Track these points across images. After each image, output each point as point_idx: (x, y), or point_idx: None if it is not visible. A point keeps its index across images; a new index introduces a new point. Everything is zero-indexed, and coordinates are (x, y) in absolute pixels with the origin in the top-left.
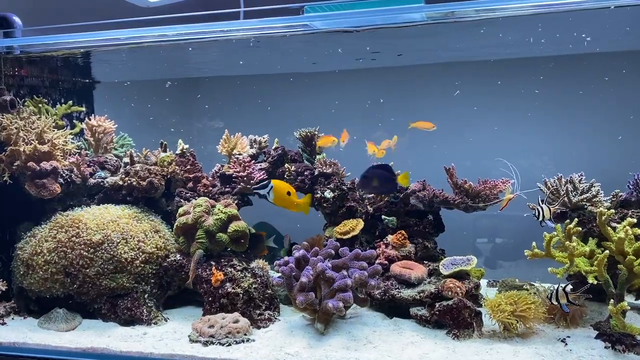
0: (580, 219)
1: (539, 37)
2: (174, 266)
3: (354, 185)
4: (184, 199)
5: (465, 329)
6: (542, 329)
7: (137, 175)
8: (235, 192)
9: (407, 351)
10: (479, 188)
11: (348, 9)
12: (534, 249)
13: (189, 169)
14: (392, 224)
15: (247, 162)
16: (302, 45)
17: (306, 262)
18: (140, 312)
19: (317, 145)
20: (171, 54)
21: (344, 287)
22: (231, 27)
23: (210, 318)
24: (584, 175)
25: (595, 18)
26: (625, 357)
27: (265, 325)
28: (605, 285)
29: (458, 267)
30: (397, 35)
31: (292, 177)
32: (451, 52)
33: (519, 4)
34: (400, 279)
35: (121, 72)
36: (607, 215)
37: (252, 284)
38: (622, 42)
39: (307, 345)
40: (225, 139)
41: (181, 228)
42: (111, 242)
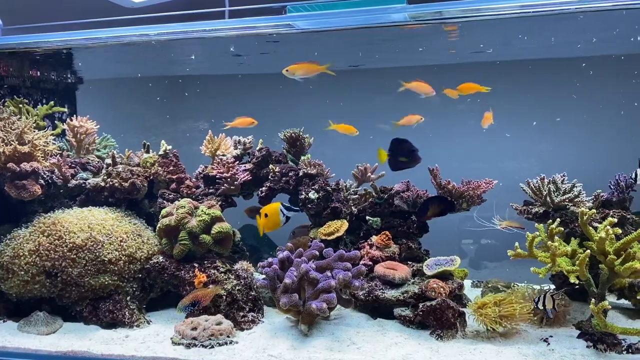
0: (562, 219)
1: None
2: (157, 268)
3: (339, 186)
4: (167, 201)
5: (448, 329)
6: (525, 329)
7: (119, 177)
8: (219, 194)
9: (390, 352)
10: (463, 189)
11: (330, 9)
12: (517, 249)
13: (172, 170)
14: (376, 224)
15: (231, 163)
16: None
17: (290, 263)
18: (122, 314)
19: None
20: (155, 54)
21: (328, 288)
22: (214, 27)
23: (193, 320)
24: (566, 176)
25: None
26: (607, 356)
27: (249, 327)
28: (587, 285)
29: (442, 268)
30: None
31: (277, 178)
32: (439, 54)
33: (505, 4)
34: (384, 279)
35: (104, 72)
36: (589, 216)
37: (235, 286)
38: (615, 46)
39: (291, 346)
40: (208, 140)
41: (164, 230)
42: (94, 244)
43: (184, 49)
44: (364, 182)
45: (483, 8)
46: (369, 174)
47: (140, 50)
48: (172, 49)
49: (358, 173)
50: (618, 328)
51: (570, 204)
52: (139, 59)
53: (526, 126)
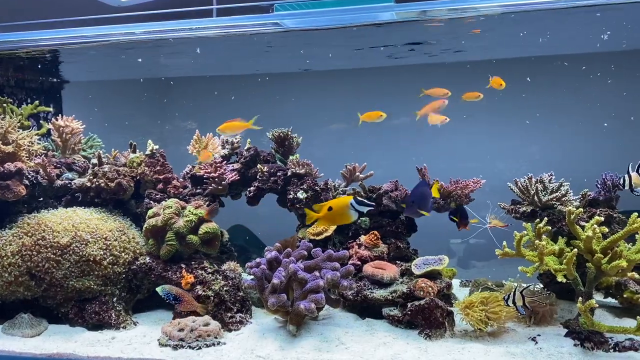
0: (550, 218)
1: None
2: (144, 269)
3: (327, 186)
4: (154, 201)
5: (437, 329)
6: (514, 328)
7: (105, 177)
8: (206, 194)
9: (379, 352)
10: (451, 188)
11: (318, 7)
12: (505, 248)
13: (158, 170)
14: (365, 224)
15: (218, 163)
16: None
17: (278, 263)
18: (108, 316)
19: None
20: (143, 53)
21: (316, 288)
22: (200, 25)
23: (180, 321)
24: (553, 175)
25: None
26: (594, 354)
27: (237, 328)
28: (574, 284)
29: (430, 267)
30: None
31: (265, 178)
32: (427, 54)
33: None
34: (372, 279)
35: (90, 71)
36: (576, 214)
37: (223, 287)
38: (603, 44)
39: (279, 347)
40: (196, 140)
41: (151, 230)
42: (79, 244)
43: (172, 48)
44: (352, 182)
45: (469, 7)
46: (357, 173)
47: (127, 49)
48: (160, 48)
49: (346, 172)
50: (605, 326)
51: (557, 203)
52: (126, 58)
53: (517, 125)
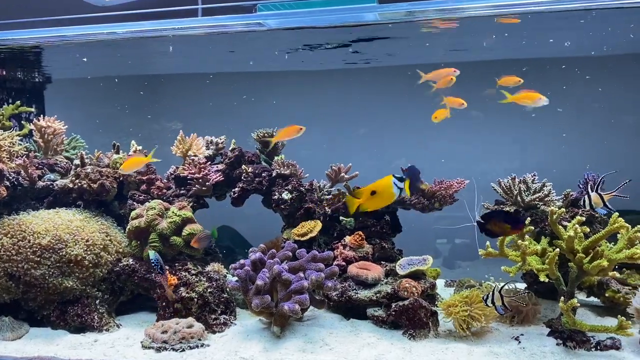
0: (533, 218)
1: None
2: (127, 271)
3: (312, 187)
4: (137, 202)
5: (421, 329)
6: (497, 328)
7: (87, 178)
8: (190, 195)
9: (363, 352)
10: (435, 189)
11: (301, 7)
12: (488, 248)
13: (142, 171)
14: (350, 225)
15: (202, 164)
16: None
17: (263, 264)
18: (91, 318)
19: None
20: (127, 53)
21: (301, 289)
22: (183, 25)
23: (163, 323)
24: (536, 175)
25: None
26: (576, 353)
27: (221, 330)
28: (557, 283)
29: (414, 267)
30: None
31: (250, 179)
32: (412, 55)
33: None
34: (357, 279)
35: (74, 71)
36: (558, 214)
37: (207, 288)
38: (588, 47)
39: (263, 349)
40: (180, 140)
41: (134, 232)
42: (59, 245)
43: (156, 47)
44: (337, 183)
45: (452, 8)
46: (342, 174)
47: (111, 48)
48: (144, 48)
49: (332, 173)
50: (587, 325)
51: (540, 203)
52: (109, 58)
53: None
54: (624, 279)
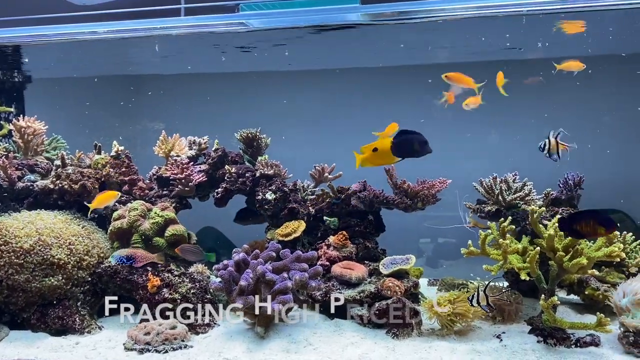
0: (514, 217)
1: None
2: (109, 272)
3: (296, 187)
4: (119, 203)
5: (404, 328)
6: (479, 326)
7: (68, 179)
8: (173, 195)
9: (347, 352)
10: (418, 188)
11: (284, 7)
12: (470, 247)
13: (124, 171)
14: (333, 224)
15: (185, 164)
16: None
17: (246, 265)
18: (72, 320)
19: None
20: (108, 53)
21: (285, 290)
22: (165, 25)
23: (146, 325)
24: (517, 175)
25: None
26: (556, 350)
27: (204, 331)
28: (537, 281)
29: (397, 267)
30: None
31: (233, 179)
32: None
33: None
34: (341, 279)
35: (55, 71)
36: (539, 213)
37: (190, 289)
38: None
39: (247, 349)
40: (162, 140)
41: (116, 233)
42: (42, 248)
43: (138, 47)
44: (321, 183)
45: (434, 9)
46: (326, 174)
47: (92, 48)
48: (126, 48)
49: (315, 173)
50: (567, 323)
51: (521, 202)
52: (90, 58)
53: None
54: (603, 276)
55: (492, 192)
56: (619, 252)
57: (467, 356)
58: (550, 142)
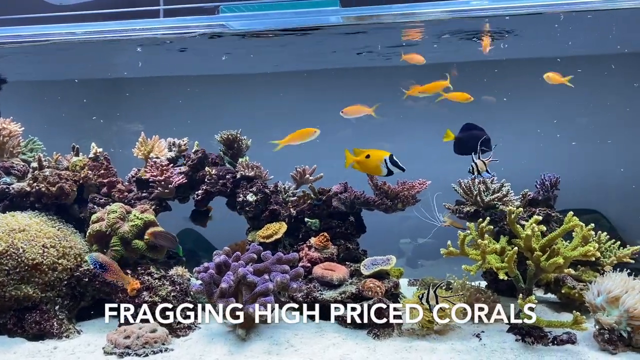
0: (492, 217)
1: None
2: (87, 275)
3: (277, 188)
4: (98, 205)
5: (385, 328)
6: (459, 325)
7: (46, 181)
8: (152, 197)
9: (328, 353)
10: (398, 189)
11: (264, 10)
12: (449, 247)
13: (102, 173)
14: (315, 226)
15: (164, 166)
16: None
17: (227, 267)
18: (50, 325)
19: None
20: (87, 54)
21: (266, 291)
22: (145, 26)
23: (126, 328)
24: (495, 176)
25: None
26: (534, 348)
27: (185, 334)
28: (516, 281)
29: (378, 267)
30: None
31: (213, 181)
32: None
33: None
34: (322, 280)
35: (31, 72)
36: (516, 214)
37: (170, 292)
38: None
39: (228, 352)
40: (141, 142)
41: (94, 235)
42: (17, 251)
43: (117, 48)
44: (302, 184)
45: (413, 12)
46: (307, 175)
47: (70, 49)
48: (104, 49)
49: (296, 175)
50: (544, 321)
51: (499, 203)
52: (68, 59)
53: None
54: (579, 275)
55: (471, 193)
56: (594, 252)
57: (447, 355)
58: (477, 164)
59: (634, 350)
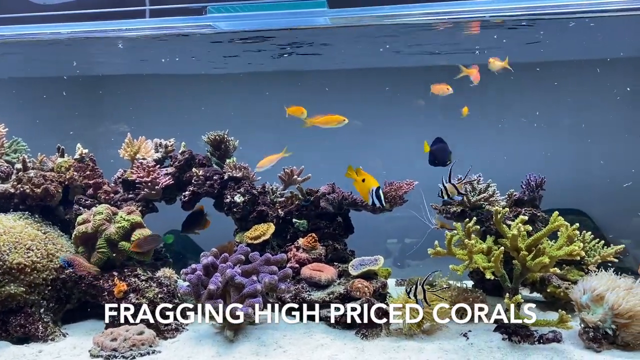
0: (478, 217)
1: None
2: (73, 278)
3: (265, 189)
4: (84, 207)
5: (373, 328)
6: (446, 325)
7: (30, 182)
8: (139, 199)
9: (316, 353)
10: (386, 190)
11: (251, 10)
12: (437, 247)
13: (88, 174)
14: (303, 227)
15: (151, 167)
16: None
17: (215, 269)
18: (35, 328)
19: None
20: (72, 53)
21: (254, 293)
22: (131, 27)
23: (113, 331)
24: (482, 176)
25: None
26: (521, 347)
27: (173, 336)
28: (502, 280)
29: (366, 267)
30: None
31: (201, 182)
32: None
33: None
34: (310, 281)
35: (14, 71)
36: (502, 214)
37: (157, 294)
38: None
39: (216, 353)
40: (127, 143)
41: (80, 237)
42: (1, 255)
43: (103, 48)
44: (290, 185)
45: (399, 14)
46: (295, 176)
47: (55, 48)
48: (90, 48)
49: (284, 176)
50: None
51: (485, 203)
52: (53, 58)
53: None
54: (564, 274)
55: None
56: (579, 251)
57: (434, 355)
58: (446, 188)
59: (619, 347)
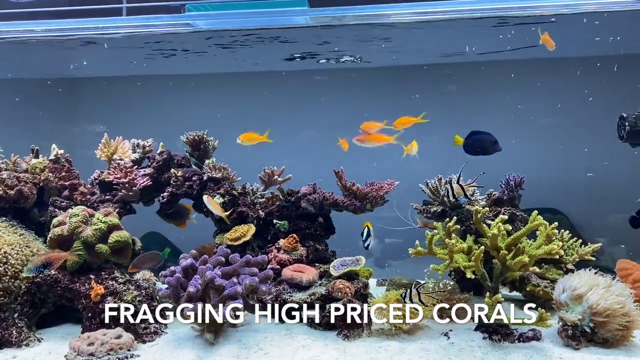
0: (459, 217)
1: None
2: (48, 281)
3: (245, 190)
4: (59, 209)
5: (355, 329)
6: (428, 324)
7: (3, 184)
8: (116, 200)
9: (298, 355)
10: (367, 190)
11: (231, 9)
12: (417, 247)
13: (64, 176)
14: (284, 227)
15: (128, 168)
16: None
17: (194, 271)
18: (8, 333)
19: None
20: (46, 53)
21: (234, 295)
22: (107, 25)
23: (90, 335)
24: (462, 176)
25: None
26: (501, 345)
27: (152, 339)
28: (482, 279)
29: (347, 268)
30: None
31: (179, 183)
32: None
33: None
34: (291, 282)
35: None
36: (482, 213)
37: (136, 297)
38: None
39: (196, 356)
40: (104, 143)
41: (56, 240)
42: None
43: (77, 47)
44: (271, 185)
45: (380, 14)
46: (275, 177)
47: (28, 48)
48: (65, 47)
49: (265, 176)
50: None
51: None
52: (27, 58)
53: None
54: (543, 273)
55: (438, 193)
56: (558, 250)
57: (416, 355)
58: (453, 188)
59: (597, 345)
